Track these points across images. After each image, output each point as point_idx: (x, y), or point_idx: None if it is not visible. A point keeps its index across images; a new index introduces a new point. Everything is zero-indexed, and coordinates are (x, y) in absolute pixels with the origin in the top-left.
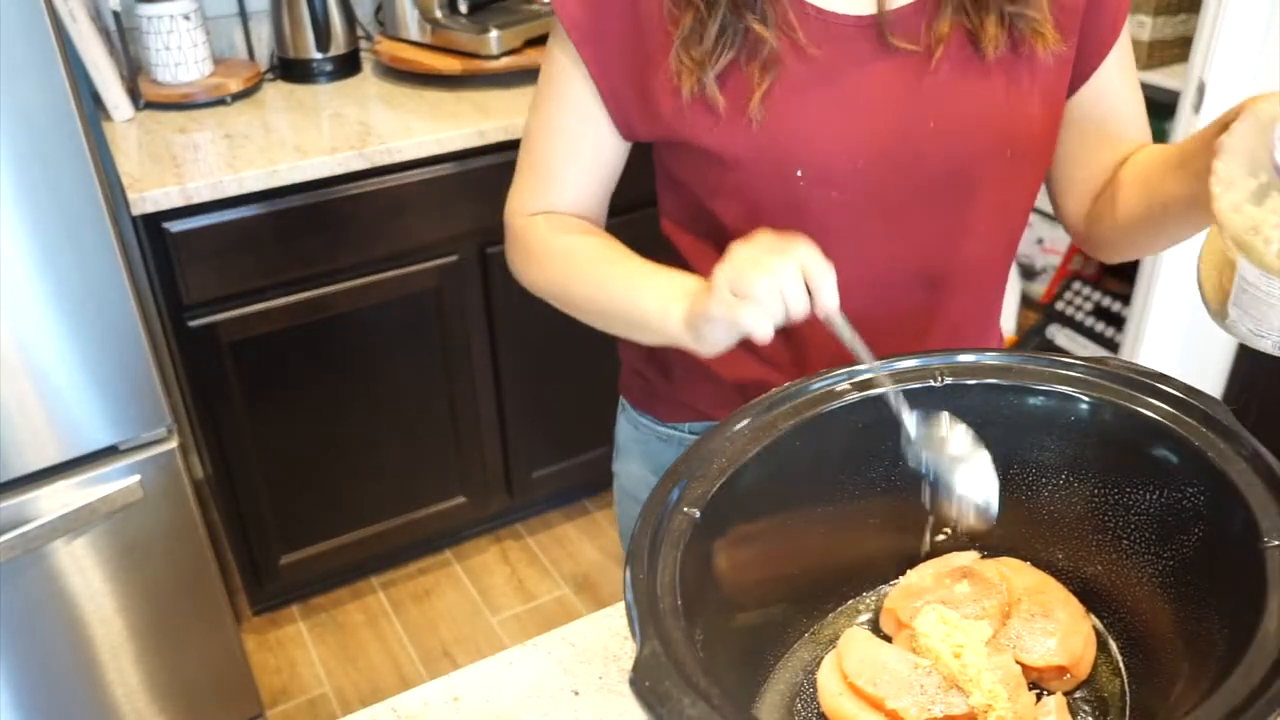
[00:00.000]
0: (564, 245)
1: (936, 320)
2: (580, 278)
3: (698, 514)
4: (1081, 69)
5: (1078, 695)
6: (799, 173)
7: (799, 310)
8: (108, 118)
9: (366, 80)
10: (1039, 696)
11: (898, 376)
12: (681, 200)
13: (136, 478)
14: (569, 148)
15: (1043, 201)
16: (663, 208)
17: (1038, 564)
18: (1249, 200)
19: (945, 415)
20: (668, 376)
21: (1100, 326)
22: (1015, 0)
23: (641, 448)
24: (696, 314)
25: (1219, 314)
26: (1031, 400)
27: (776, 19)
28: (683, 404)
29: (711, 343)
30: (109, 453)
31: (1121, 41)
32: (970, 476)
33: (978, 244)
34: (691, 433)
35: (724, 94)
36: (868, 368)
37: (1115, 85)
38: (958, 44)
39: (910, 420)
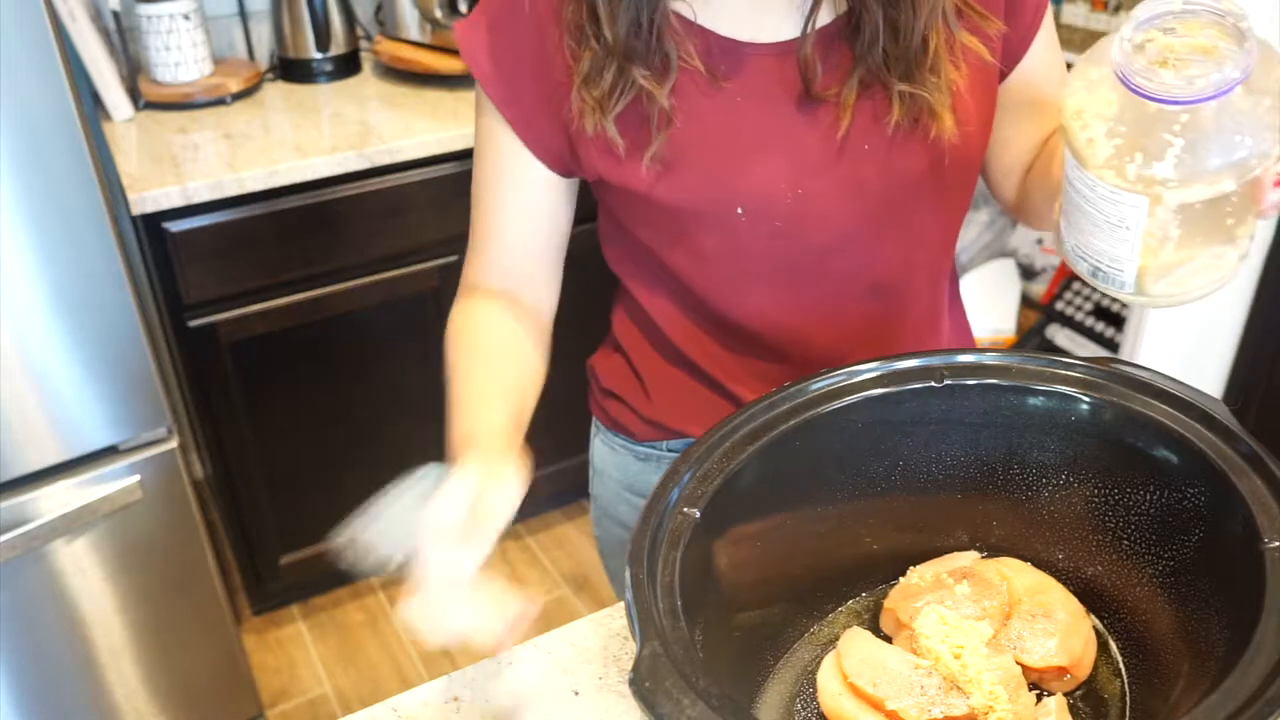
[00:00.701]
0: (456, 338)
1: (892, 325)
2: (451, 373)
3: (698, 514)
4: (1009, 55)
5: (1078, 696)
6: (739, 210)
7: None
8: (107, 118)
9: (366, 80)
10: (1039, 697)
11: (898, 376)
12: (621, 238)
13: (136, 478)
14: (505, 199)
15: None
16: (604, 240)
17: (1038, 564)
18: (1085, 89)
19: None
20: (647, 396)
21: (1100, 326)
22: (909, 80)
23: (619, 470)
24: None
25: (1056, 234)
26: (1031, 400)
27: (681, 54)
28: (659, 425)
29: None
30: (109, 453)
31: (1046, 20)
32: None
33: (924, 250)
34: (670, 450)
35: (625, 136)
36: (868, 368)
37: (1042, 67)
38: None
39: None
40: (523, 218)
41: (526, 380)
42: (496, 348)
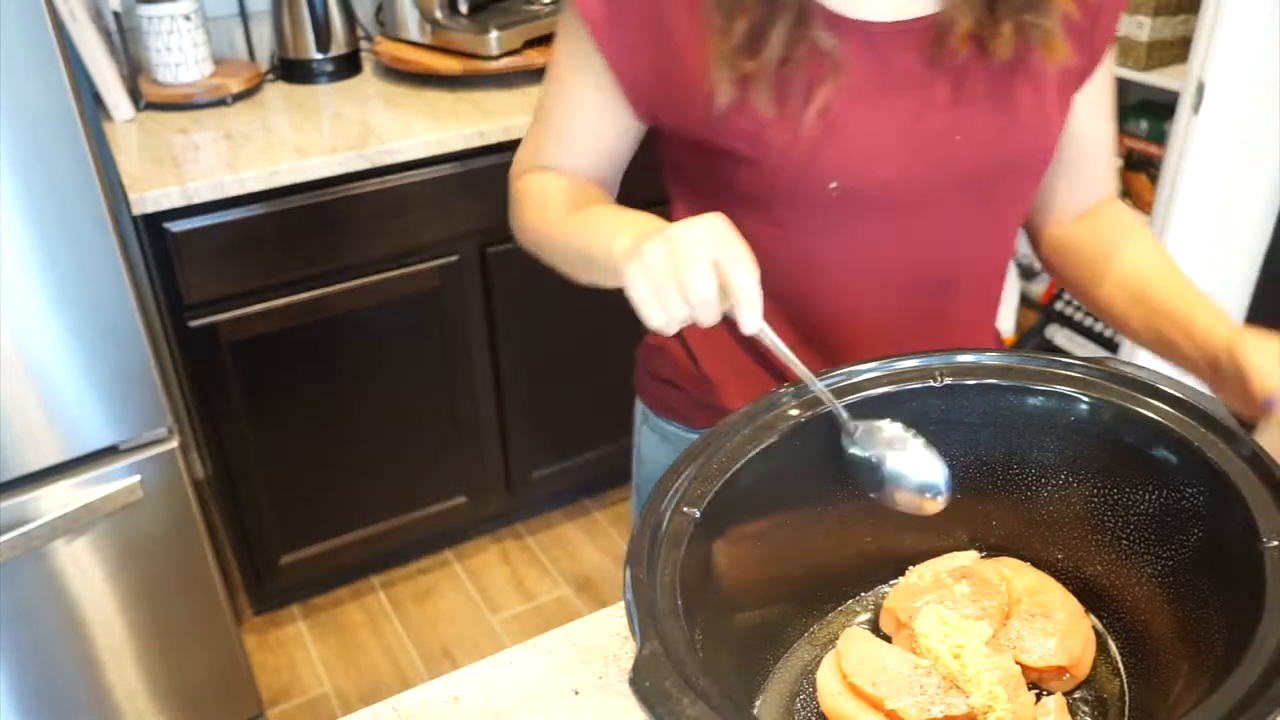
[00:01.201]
0: (543, 191)
1: (943, 322)
2: (551, 220)
3: (698, 514)
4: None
5: (1077, 695)
6: (833, 185)
7: (704, 323)
8: (108, 118)
9: (367, 81)
10: (1039, 697)
11: (897, 376)
12: (695, 197)
13: (137, 478)
14: (580, 125)
15: None
16: (673, 204)
17: (1038, 564)
18: None
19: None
20: (701, 379)
21: (1100, 326)
22: (1031, 9)
23: (667, 456)
24: (632, 255)
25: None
26: (1031, 400)
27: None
28: (713, 407)
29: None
30: (109, 453)
31: (1104, 69)
32: (910, 460)
33: (985, 248)
34: None
35: (773, 103)
36: (868, 368)
37: (1086, 109)
38: (983, 56)
39: (844, 416)
40: (593, 152)
41: None
42: (593, 190)
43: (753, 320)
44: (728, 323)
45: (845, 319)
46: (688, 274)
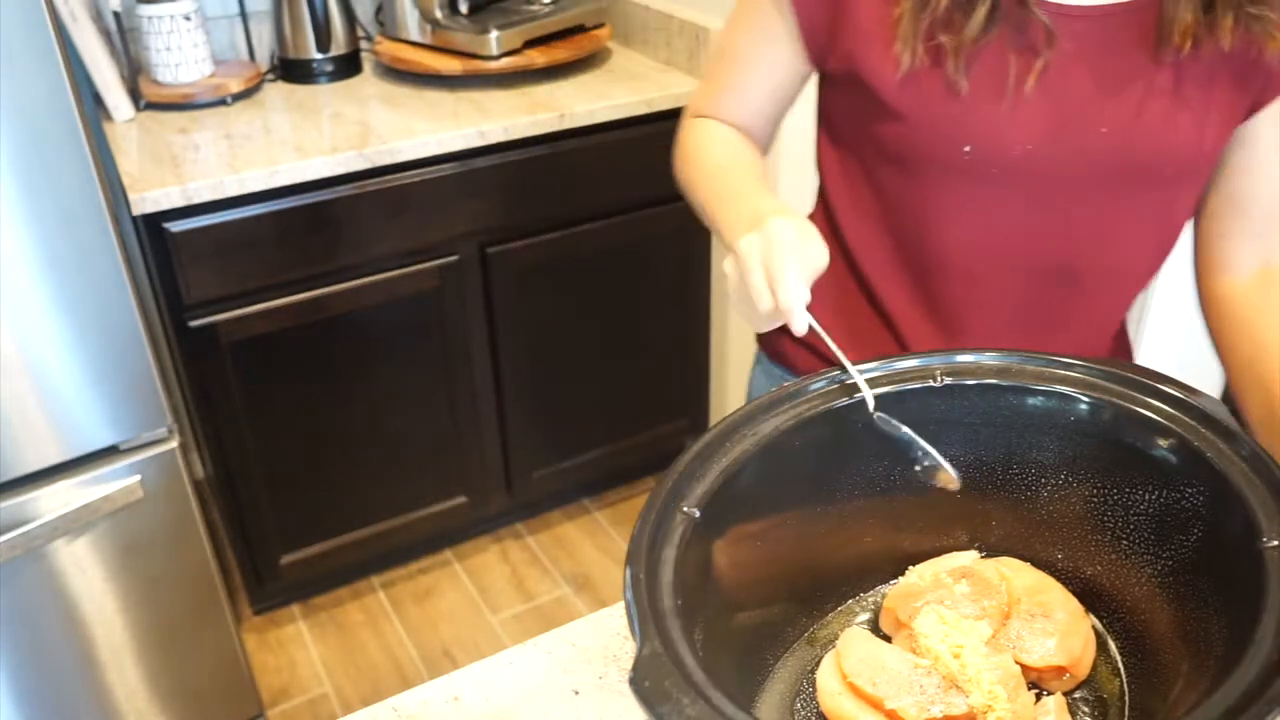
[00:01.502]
0: (700, 146)
1: (1063, 314)
2: (702, 183)
3: (698, 514)
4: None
5: (1077, 695)
6: (966, 149)
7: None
8: (108, 118)
9: (367, 81)
10: (1038, 696)
11: (897, 377)
12: (838, 144)
13: (137, 478)
14: (756, 71)
15: None
16: (821, 147)
17: (1037, 564)
18: None
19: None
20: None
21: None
22: (1255, 1)
23: None
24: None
25: None
26: (1031, 400)
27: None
28: (819, 354)
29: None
30: (109, 453)
31: None
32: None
33: (1113, 248)
34: None
35: (965, 76)
36: (868, 368)
37: (1265, 145)
38: (1157, 50)
39: (869, 394)
40: (766, 96)
41: None
42: (750, 152)
43: (799, 326)
44: (881, 256)
45: (966, 288)
46: (751, 287)
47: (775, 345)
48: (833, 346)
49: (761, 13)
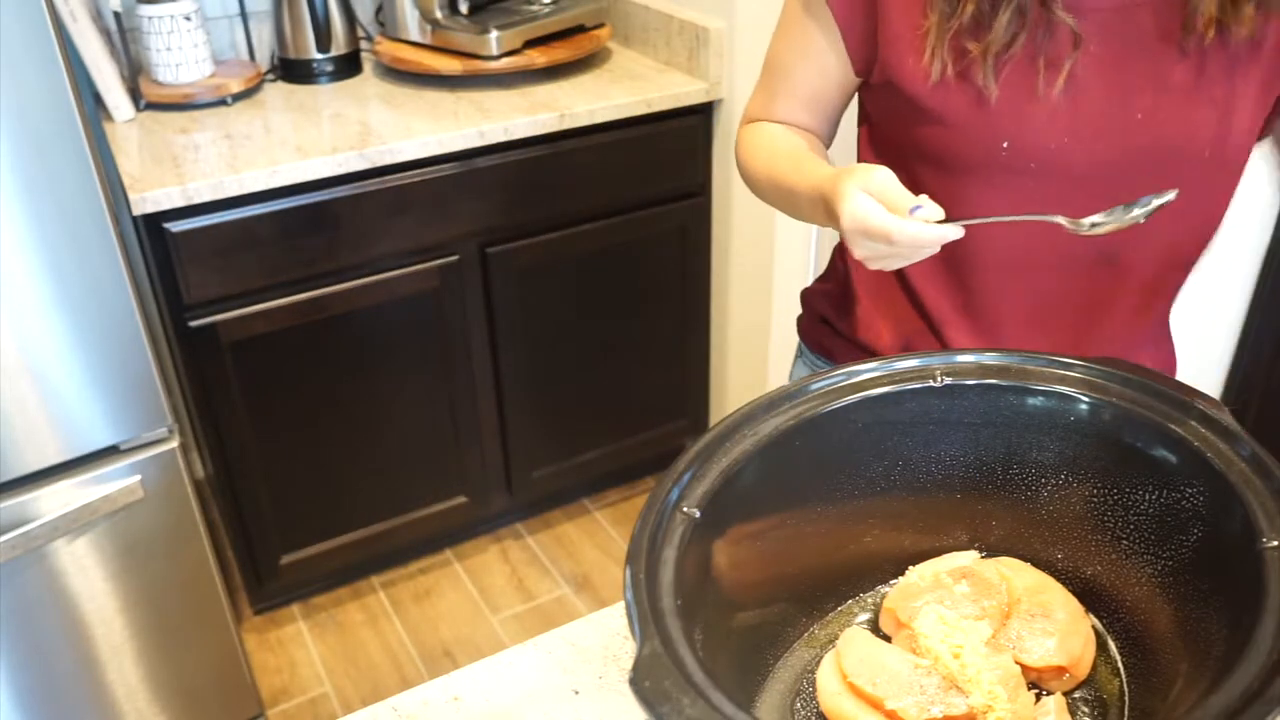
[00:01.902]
0: (758, 140)
1: (1102, 303)
2: (769, 170)
3: (698, 514)
4: None
5: (1077, 695)
6: (1005, 144)
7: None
8: (109, 118)
9: (367, 81)
10: (1038, 696)
11: (898, 377)
12: (880, 143)
13: (137, 478)
14: (802, 75)
15: None
16: (861, 144)
17: (1037, 564)
18: None
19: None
20: (848, 321)
21: None
22: None
23: None
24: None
25: None
26: (1031, 400)
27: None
28: (860, 346)
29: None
30: (110, 452)
31: None
32: None
33: (1160, 238)
34: None
35: (993, 80)
36: (868, 368)
37: None
38: (1181, 39)
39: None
40: (810, 102)
41: None
42: (796, 137)
43: (957, 232)
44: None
45: (1005, 281)
46: (896, 260)
47: (817, 337)
48: (989, 220)
49: (805, 26)
